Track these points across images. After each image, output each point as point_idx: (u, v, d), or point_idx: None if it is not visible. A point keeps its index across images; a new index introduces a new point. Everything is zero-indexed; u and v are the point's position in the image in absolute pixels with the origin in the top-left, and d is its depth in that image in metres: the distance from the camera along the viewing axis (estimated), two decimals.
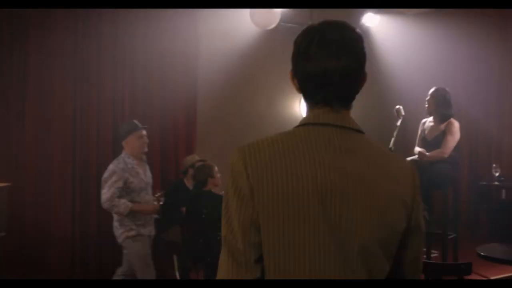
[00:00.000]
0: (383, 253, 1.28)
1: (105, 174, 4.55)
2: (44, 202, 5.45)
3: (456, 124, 5.66)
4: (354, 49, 1.34)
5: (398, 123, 5.78)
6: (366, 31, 7.70)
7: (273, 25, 6.58)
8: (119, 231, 4.59)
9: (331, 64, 1.31)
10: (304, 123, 1.34)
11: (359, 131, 1.35)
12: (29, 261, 5.32)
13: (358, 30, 1.38)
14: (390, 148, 5.65)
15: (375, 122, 7.92)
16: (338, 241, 1.24)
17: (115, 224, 4.62)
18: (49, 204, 5.48)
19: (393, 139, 5.71)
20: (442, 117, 5.66)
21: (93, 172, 5.69)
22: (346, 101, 1.37)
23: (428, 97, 5.75)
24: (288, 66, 1.41)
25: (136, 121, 4.74)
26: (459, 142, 5.73)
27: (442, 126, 5.68)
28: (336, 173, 1.26)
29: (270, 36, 6.73)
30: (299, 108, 7.78)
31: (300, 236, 1.23)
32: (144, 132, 4.67)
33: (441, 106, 5.64)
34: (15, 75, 5.40)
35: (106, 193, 4.46)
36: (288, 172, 1.25)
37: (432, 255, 5.88)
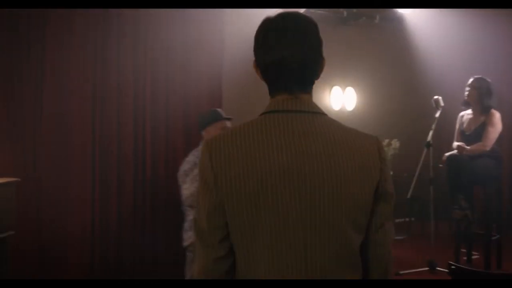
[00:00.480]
0: (353, 227, 1.35)
1: (185, 166, 4.05)
2: (62, 198, 5.21)
3: (497, 115, 5.31)
4: (308, 36, 1.42)
5: (437, 114, 5.45)
6: (400, 18, 7.33)
7: (300, 10, 6.26)
8: (188, 234, 4.00)
9: (287, 52, 1.39)
10: (267, 111, 1.41)
11: (320, 113, 1.42)
12: (45, 260, 5.10)
13: (312, 18, 1.45)
14: (429, 142, 5.30)
15: (412, 113, 7.57)
16: (304, 219, 1.31)
17: (186, 224, 4.06)
18: (67, 201, 5.24)
19: (431, 132, 5.37)
20: (485, 108, 5.29)
21: (114, 167, 5.44)
22: (305, 86, 1.44)
23: (469, 88, 5.37)
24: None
25: (220, 110, 4.31)
26: (500, 134, 5.37)
27: (482, 117, 5.32)
28: (300, 156, 1.33)
29: None
30: (329, 95, 7.46)
31: (264, 216, 1.31)
32: (228, 124, 4.19)
33: (485, 97, 5.28)
34: (32, 69, 5.14)
35: (188, 188, 3.92)
36: (252, 159, 1.32)
37: (473, 257, 5.53)
